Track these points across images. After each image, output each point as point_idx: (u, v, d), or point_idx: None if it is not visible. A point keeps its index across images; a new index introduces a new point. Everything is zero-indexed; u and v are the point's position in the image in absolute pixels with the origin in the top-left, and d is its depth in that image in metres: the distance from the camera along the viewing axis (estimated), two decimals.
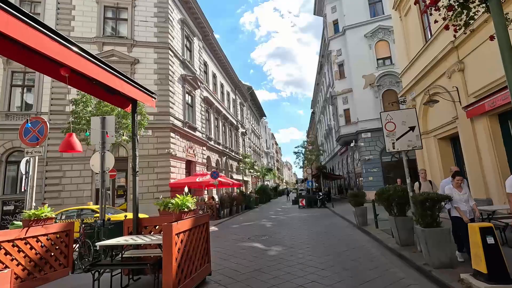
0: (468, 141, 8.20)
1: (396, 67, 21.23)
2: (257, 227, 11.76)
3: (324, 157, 42.41)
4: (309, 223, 12.04)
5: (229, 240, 8.58)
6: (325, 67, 35.02)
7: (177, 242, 3.63)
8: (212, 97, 26.30)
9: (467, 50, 7.84)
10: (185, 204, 3.87)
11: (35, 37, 2.63)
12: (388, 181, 20.81)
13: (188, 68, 20.91)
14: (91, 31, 17.09)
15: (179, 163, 17.96)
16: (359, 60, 22.34)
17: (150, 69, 17.56)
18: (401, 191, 6.34)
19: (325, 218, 13.86)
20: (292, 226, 11.25)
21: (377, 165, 21.01)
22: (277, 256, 6.25)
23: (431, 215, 4.80)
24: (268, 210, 21.63)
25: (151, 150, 16.71)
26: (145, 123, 11.12)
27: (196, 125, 21.23)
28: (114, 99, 5.11)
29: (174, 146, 17.50)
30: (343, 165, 31.65)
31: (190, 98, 21.28)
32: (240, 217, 16.53)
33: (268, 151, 69.63)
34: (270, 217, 15.60)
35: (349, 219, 11.92)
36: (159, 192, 16.28)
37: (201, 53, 24.46)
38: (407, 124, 6.16)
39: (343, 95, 23.50)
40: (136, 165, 5.12)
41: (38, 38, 2.66)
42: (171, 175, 16.74)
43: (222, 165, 28.10)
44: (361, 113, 21.88)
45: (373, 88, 21.66)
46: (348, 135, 22.92)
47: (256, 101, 50.27)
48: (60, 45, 2.95)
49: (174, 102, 18.21)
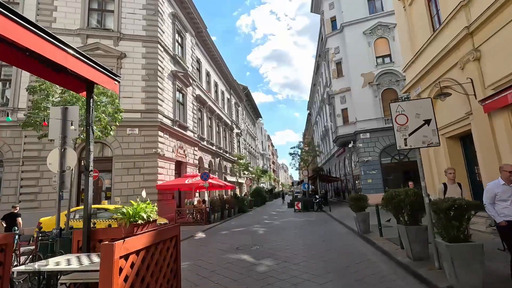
0: (484, 139, 7.29)
1: (396, 65, 20.45)
2: (249, 234, 10.73)
3: (321, 158, 41.55)
4: (305, 230, 11.04)
5: (214, 251, 7.56)
6: (322, 66, 34.22)
7: (123, 268, 2.60)
8: (205, 95, 25.28)
9: (484, 36, 6.95)
10: (139, 214, 2.86)
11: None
12: (388, 184, 19.93)
13: (179, 64, 19.90)
14: (74, 22, 16.00)
15: (167, 163, 16.90)
16: (358, 58, 21.51)
17: (137, 64, 16.52)
18: (414, 195, 5.37)
19: (323, 223, 12.89)
20: (286, 234, 10.25)
21: (376, 167, 20.11)
22: (266, 273, 5.25)
23: (458, 226, 3.84)
24: (262, 213, 20.61)
25: (137, 149, 15.63)
26: (119, 117, 9.72)
27: (187, 124, 20.18)
28: (62, 79, 4.05)
29: (163, 145, 16.44)
30: (340, 167, 30.77)
31: (181, 96, 20.25)
32: (232, 222, 15.49)
33: (264, 152, 68.66)
34: (263, 222, 14.58)
35: (349, 225, 10.96)
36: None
37: (194, 49, 23.46)
38: (422, 116, 5.21)
39: (341, 94, 22.62)
40: (89, 162, 4.07)
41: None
42: (159, 177, 15.67)
43: (216, 167, 27.04)
44: (360, 113, 21.01)
45: (372, 87, 20.81)
46: (346, 136, 22.03)
47: (252, 102, 49.33)
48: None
49: (163, 99, 17.18)
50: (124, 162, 15.34)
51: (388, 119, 20.21)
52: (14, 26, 2.48)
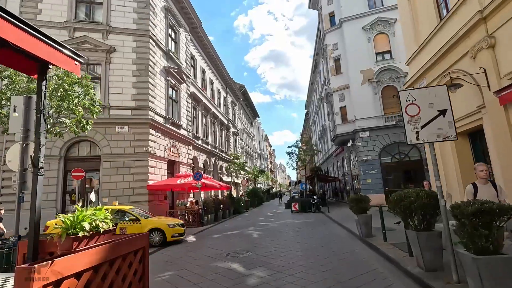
0: (499, 134, 6.63)
1: (396, 61, 19.83)
2: (242, 237, 10.03)
3: (319, 158, 40.90)
4: (303, 233, 10.34)
5: (202, 258, 6.84)
6: (320, 64, 33.57)
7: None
8: (200, 93, 24.55)
9: (500, 20, 6.29)
10: (80, 225, 2.16)
11: None
12: (388, 184, 19.29)
13: (173, 60, 19.16)
14: (61, 15, 15.21)
15: (159, 163, 16.16)
16: (357, 54, 20.87)
17: (128, 58, 15.76)
18: (426, 197, 4.69)
19: (321, 225, 12.20)
20: (282, 237, 9.54)
21: (376, 166, 19.47)
22: (257, 287, 4.55)
23: (487, 235, 3.16)
24: (258, 215, 19.92)
25: (127, 148, 14.89)
26: (96, 109, 8.71)
27: (181, 122, 19.44)
28: (8, 57, 3.34)
29: (154, 144, 15.70)
30: (338, 167, 30.14)
31: (174, 93, 19.51)
32: (226, 224, 14.78)
33: (261, 152, 68.00)
34: (258, 224, 13.87)
35: (349, 227, 10.28)
36: (135, 195, 14.48)
37: (188, 45, 22.72)
38: (436, 106, 4.54)
39: (340, 92, 21.97)
40: (38, 158, 3.35)
41: None
42: (150, 176, 14.93)
43: (211, 166, 26.30)
44: (359, 111, 20.37)
45: (372, 84, 20.17)
46: (344, 135, 21.38)
47: (249, 101, 48.61)
48: None
49: (155, 95, 16.44)
50: (113, 161, 14.59)
51: (388, 117, 19.59)
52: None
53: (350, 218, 12.90)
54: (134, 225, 9.19)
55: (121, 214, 9.60)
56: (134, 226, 9.14)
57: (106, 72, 15.27)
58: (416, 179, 19.20)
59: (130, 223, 9.30)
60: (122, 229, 8.84)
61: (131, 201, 14.32)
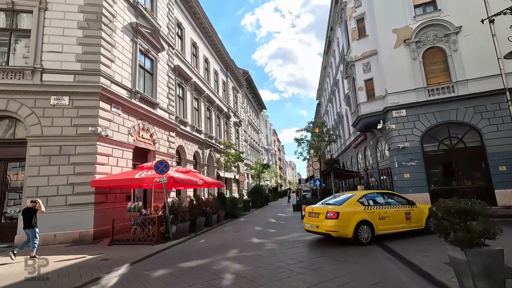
0: None
1: (444, 13, 14.65)
2: (208, 276, 5.26)
3: (335, 149, 35.60)
4: (324, 275, 5.43)
5: None
6: (334, 43, 28.42)
7: None
8: (188, 69, 19.90)
9: None
10: None
11: None
12: (432, 179, 14.21)
13: (145, 18, 14.55)
14: None
15: (119, 150, 11.62)
16: (388, 9, 15.78)
17: (72, 4, 11.26)
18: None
19: (356, 254, 7.14)
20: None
21: (417, 156, 14.37)
22: None
23: None
24: (256, 221, 15.10)
25: (66, 128, 10.41)
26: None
27: (157, 100, 14.85)
28: None
29: (109, 123, 11.17)
30: (358, 160, 24.98)
31: (149, 62, 14.94)
32: (202, 239, 9.93)
33: (269, 147, 63.05)
34: (247, 243, 8.80)
35: (416, 261, 5.36)
36: (75, 194, 9.95)
37: (172, 8, 18.04)
38: None
39: (364, 61, 16.89)
40: None
41: None
42: (97, 168, 10.40)
43: (204, 160, 21.66)
44: (391, 83, 15.29)
45: (409, 45, 15.04)
46: (370, 115, 16.32)
47: (254, 90, 43.73)
48: None
49: (114, 58, 11.87)
50: (44, 147, 10.12)
51: (433, 90, 14.45)
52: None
53: (407, 237, 7.92)
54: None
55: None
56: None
57: (39, 23, 10.81)
58: (473, 173, 14.06)
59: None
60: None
61: (69, 204, 9.82)
